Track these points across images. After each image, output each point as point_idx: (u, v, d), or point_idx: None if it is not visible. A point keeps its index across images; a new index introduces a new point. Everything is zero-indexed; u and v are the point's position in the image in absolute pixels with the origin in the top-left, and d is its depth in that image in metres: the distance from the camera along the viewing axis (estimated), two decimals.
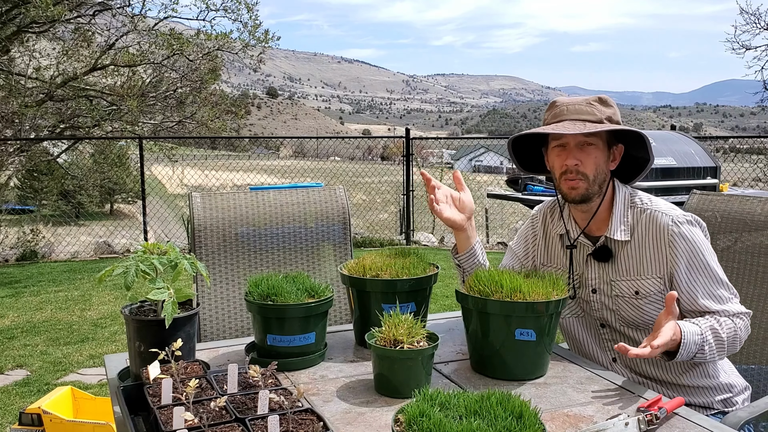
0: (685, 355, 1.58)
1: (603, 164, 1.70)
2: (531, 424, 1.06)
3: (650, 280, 1.68)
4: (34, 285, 6.79)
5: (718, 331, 1.62)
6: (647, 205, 1.73)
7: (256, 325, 1.64)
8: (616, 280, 1.73)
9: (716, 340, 1.61)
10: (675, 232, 1.66)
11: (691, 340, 1.56)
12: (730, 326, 1.63)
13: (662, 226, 1.68)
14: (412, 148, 9.31)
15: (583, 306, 1.81)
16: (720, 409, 1.76)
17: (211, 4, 11.54)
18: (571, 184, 1.70)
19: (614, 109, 1.72)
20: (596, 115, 1.68)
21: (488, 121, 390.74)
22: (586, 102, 1.71)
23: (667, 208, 1.72)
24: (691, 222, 1.69)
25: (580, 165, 1.68)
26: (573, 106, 1.71)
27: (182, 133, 12.36)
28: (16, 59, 11.34)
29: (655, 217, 1.69)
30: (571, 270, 1.79)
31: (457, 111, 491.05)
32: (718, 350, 1.62)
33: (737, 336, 1.64)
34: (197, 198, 2.29)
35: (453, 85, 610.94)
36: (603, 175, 1.71)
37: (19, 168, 11.08)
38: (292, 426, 1.15)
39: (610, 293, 1.74)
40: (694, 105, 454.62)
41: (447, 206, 1.82)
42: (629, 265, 1.71)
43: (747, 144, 10.67)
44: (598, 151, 1.69)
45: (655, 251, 1.68)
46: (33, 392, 3.92)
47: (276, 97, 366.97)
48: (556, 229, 1.84)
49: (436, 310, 4.82)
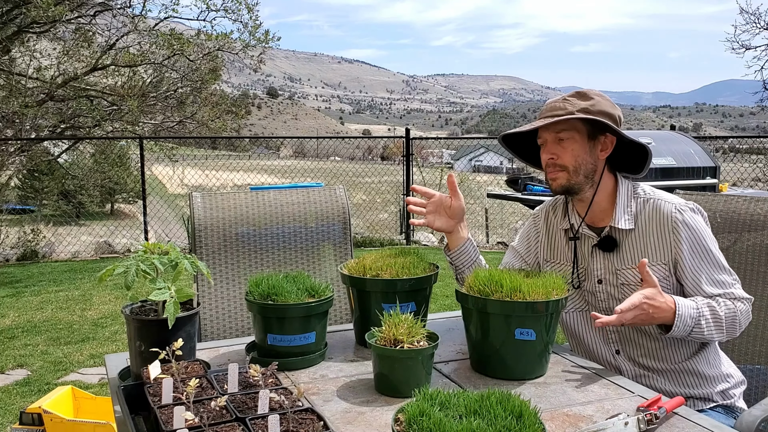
0: (681, 328, 1.62)
1: (585, 154, 1.73)
2: (531, 423, 1.06)
3: (655, 266, 1.71)
4: (35, 285, 6.79)
5: (715, 308, 1.65)
6: (650, 195, 1.77)
7: (257, 324, 1.64)
8: (621, 269, 1.75)
9: (713, 316, 1.65)
10: (678, 219, 1.70)
11: (686, 313, 1.61)
12: (730, 307, 1.67)
13: (666, 214, 1.71)
14: (412, 148, 9.31)
15: (588, 298, 1.83)
16: (719, 402, 1.77)
17: (212, 5, 11.55)
18: (551, 176, 1.77)
19: (594, 100, 1.73)
20: (568, 109, 1.72)
21: (488, 121, 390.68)
22: (563, 98, 1.76)
23: (669, 197, 1.76)
24: (693, 210, 1.73)
25: (557, 158, 1.74)
26: (550, 104, 1.77)
27: (183, 133, 12.37)
28: (17, 59, 11.34)
29: (659, 206, 1.73)
30: (576, 261, 1.82)
31: (457, 111, 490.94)
32: (716, 327, 1.65)
33: (736, 318, 1.67)
34: (198, 198, 2.29)
35: (453, 85, 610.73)
36: (589, 165, 1.74)
37: (20, 168, 11.08)
38: (293, 425, 1.15)
39: (616, 282, 1.76)
40: (693, 105, 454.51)
41: (436, 217, 1.89)
42: (634, 253, 1.74)
43: (746, 144, 10.68)
44: (575, 143, 1.73)
45: (659, 238, 1.71)
46: (34, 392, 3.92)
47: (276, 97, 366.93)
48: (560, 225, 1.87)
49: (436, 310, 4.82)
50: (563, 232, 1.86)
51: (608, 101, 1.76)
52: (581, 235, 1.81)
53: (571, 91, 1.80)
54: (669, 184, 4.95)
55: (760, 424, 1.49)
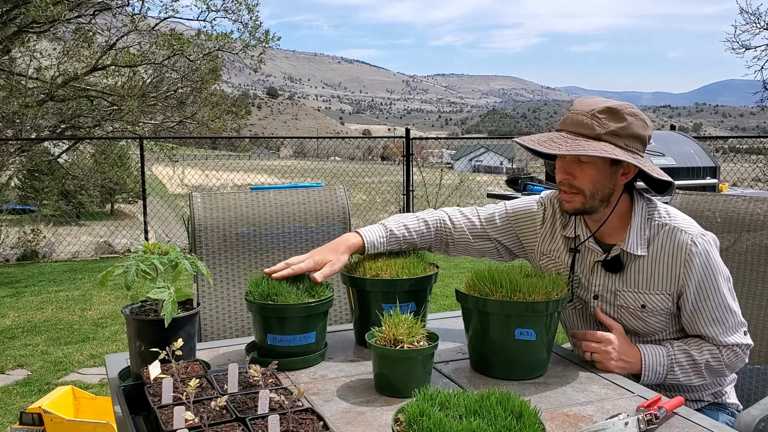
0: (652, 377, 1.61)
1: (604, 180, 1.61)
2: (531, 423, 1.06)
3: (660, 295, 1.64)
4: (35, 285, 6.79)
5: (691, 354, 1.62)
6: (665, 219, 1.66)
7: (257, 324, 1.64)
8: (622, 291, 1.67)
9: (689, 362, 1.63)
10: (693, 252, 1.60)
11: (653, 361, 1.60)
12: (714, 353, 1.63)
13: (680, 244, 1.61)
14: (412, 148, 9.31)
15: (584, 304, 1.79)
16: (711, 401, 1.76)
17: (212, 5, 11.56)
18: (565, 197, 1.65)
19: (626, 122, 1.58)
20: (595, 130, 1.57)
21: (488, 122, 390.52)
22: (591, 114, 1.59)
23: (686, 224, 1.65)
24: (709, 243, 1.63)
25: (573, 179, 1.62)
26: (576, 116, 1.61)
27: (183, 134, 12.37)
28: (17, 59, 11.35)
29: (674, 235, 1.63)
30: (572, 274, 1.75)
31: (457, 111, 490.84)
32: (695, 373, 1.63)
33: (720, 364, 1.64)
34: (198, 198, 2.29)
35: (453, 85, 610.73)
36: (607, 190, 1.62)
37: (20, 168, 11.10)
38: (293, 425, 1.15)
39: (613, 302, 1.70)
40: (693, 105, 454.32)
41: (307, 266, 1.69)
42: (639, 278, 1.66)
43: (746, 144, 10.68)
44: (595, 168, 1.60)
45: (669, 268, 1.63)
46: (34, 392, 3.93)
47: (276, 97, 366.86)
48: (563, 230, 1.77)
49: (436, 310, 4.82)
50: (564, 239, 1.77)
51: (641, 120, 1.61)
52: (583, 247, 1.73)
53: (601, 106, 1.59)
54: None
55: (759, 424, 1.49)
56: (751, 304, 1.99)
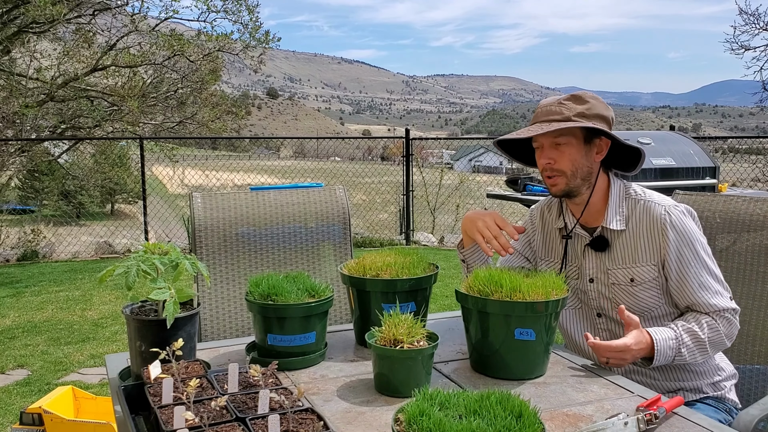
0: (662, 360, 1.65)
1: (581, 158, 1.75)
2: (530, 423, 1.07)
3: (645, 267, 1.74)
4: (35, 285, 6.79)
5: (696, 332, 1.68)
6: (641, 196, 1.79)
7: (257, 324, 1.65)
8: (612, 269, 1.78)
9: (695, 341, 1.68)
10: (667, 221, 1.72)
11: (665, 345, 1.64)
12: (713, 326, 1.69)
13: (656, 216, 1.74)
14: (412, 149, 9.31)
15: (581, 296, 1.86)
16: (710, 394, 1.79)
17: (212, 6, 11.56)
18: (550, 181, 1.79)
19: (589, 104, 1.74)
20: (564, 113, 1.73)
21: (488, 122, 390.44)
22: (558, 102, 1.77)
23: (660, 198, 1.79)
24: (682, 212, 1.75)
25: (554, 163, 1.76)
26: (546, 108, 1.78)
27: (183, 134, 12.37)
28: (17, 60, 11.35)
29: (649, 207, 1.76)
30: (565, 260, 1.86)
31: (456, 111, 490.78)
32: (700, 351, 1.69)
33: (720, 336, 1.70)
34: (198, 198, 2.29)
35: (453, 85, 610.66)
36: (585, 168, 1.76)
37: (20, 168, 11.09)
38: (293, 425, 1.16)
39: (606, 282, 1.79)
40: (693, 105, 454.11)
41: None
42: (625, 253, 1.77)
43: (746, 144, 10.68)
44: (572, 147, 1.74)
45: (649, 240, 1.74)
46: (34, 392, 3.92)
47: (276, 97, 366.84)
48: (555, 224, 1.91)
49: (436, 310, 4.82)
50: (557, 231, 1.90)
51: (602, 103, 1.78)
52: (574, 234, 1.85)
53: (565, 95, 1.79)
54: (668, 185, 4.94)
55: (758, 424, 1.50)
56: (751, 304, 2.00)
